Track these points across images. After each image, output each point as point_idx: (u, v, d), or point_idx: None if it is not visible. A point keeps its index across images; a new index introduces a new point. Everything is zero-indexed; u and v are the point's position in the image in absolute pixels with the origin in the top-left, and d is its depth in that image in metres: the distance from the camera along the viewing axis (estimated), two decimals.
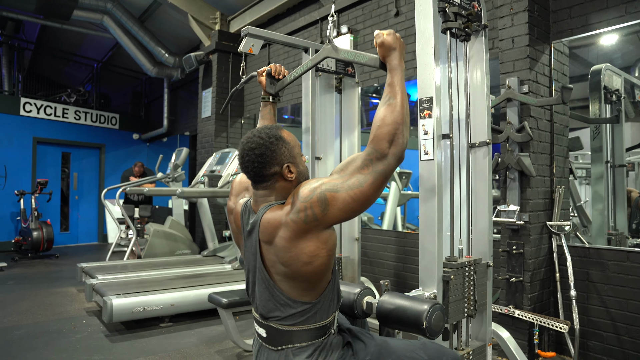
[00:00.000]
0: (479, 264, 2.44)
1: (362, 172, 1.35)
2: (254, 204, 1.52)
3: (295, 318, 1.41)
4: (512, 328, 3.16)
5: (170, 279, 4.68)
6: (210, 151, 7.02)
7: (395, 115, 1.37)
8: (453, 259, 2.33)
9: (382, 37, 1.51)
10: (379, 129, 1.37)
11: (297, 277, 1.38)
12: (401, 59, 1.49)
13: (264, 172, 1.43)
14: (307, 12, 5.90)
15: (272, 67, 1.99)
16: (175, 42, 8.62)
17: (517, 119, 3.12)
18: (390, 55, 1.50)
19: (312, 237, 1.34)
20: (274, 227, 1.38)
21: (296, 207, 1.34)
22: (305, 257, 1.35)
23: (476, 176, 2.58)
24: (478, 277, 2.42)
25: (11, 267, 6.61)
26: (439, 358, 1.61)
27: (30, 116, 8.52)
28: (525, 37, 3.15)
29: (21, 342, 3.54)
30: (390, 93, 1.42)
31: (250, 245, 1.49)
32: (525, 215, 3.10)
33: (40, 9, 7.36)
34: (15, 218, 8.19)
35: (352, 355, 1.49)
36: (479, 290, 2.43)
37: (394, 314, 1.76)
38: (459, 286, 2.31)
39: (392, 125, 1.36)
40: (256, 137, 1.44)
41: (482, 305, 2.47)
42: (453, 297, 2.27)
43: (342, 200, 1.33)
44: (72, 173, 9.47)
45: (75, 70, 10.75)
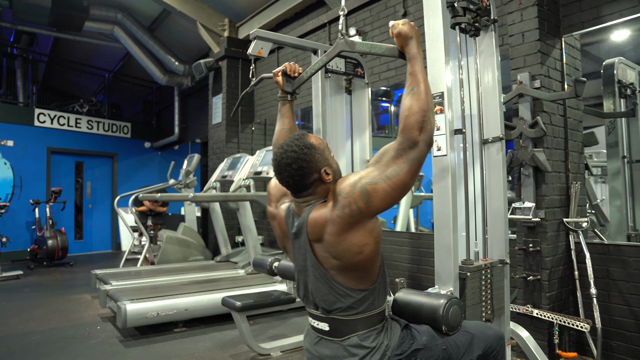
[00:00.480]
0: (496, 266, 2.39)
1: (397, 161, 1.40)
2: (296, 207, 1.57)
3: (357, 306, 1.48)
4: (531, 328, 3.10)
5: (184, 285, 4.68)
6: (222, 157, 7.05)
7: (421, 103, 1.42)
8: (469, 262, 2.28)
9: (399, 27, 1.54)
10: (407, 119, 1.42)
11: (351, 267, 1.45)
12: (419, 47, 1.53)
13: (305, 182, 1.49)
14: (314, 16, 5.92)
15: (287, 66, 2.03)
16: (185, 51, 8.70)
17: (529, 115, 3.07)
18: (408, 44, 1.54)
19: (359, 228, 1.41)
20: (321, 225, 1.45)
21: (340, 204, 1.40)
22: (355, 248, 1.41)
23: (490, 172, 2.54)
24: (495, 280, 2.38)
25: (27, 275, 6.67)
26: (484, 332, 1.75)
27: (44, 126, 8.63)
28: (535, 32, 3.12)
29: (37, 348, 3.56)
30: (413, 82, 1.46)
31: (299, 246, 1.55)
32: (541, 212, 3.04)
33: (53, 21, 7.47)
34: (30, 227, 8.28)
35: (411, 337, 1.57)
36: (497, 294, 2.38)
37: (410, 310, 1.74)
38: (475, 290, 2.27)
39: (420, 113, 1.41)
40: (290, 152, 1.48)
41: (500, 309, 2.42)
42: (470, 300, 2.23)
43: (383, 191, 1.39)
44: (86, 182, 9.55)
45: (88, 81, 10.89)
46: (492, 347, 1.74)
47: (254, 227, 5.46)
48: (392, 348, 1.50)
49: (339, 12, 2.06)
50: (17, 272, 6.47)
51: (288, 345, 3.53)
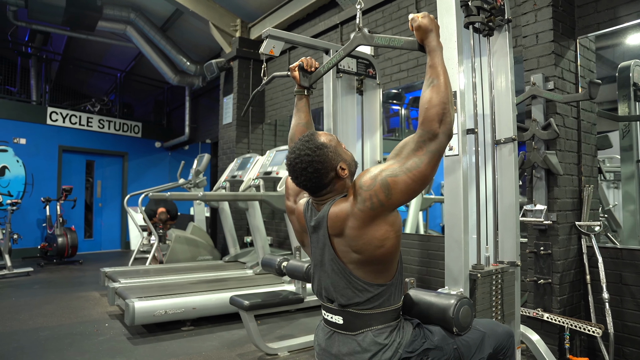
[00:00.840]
0: (507, 272, 2.36)
1: (417, 154, 1.40)
2: (315, 204, 1.58)
3: (374, 301, 1.48)
4: (541, 332, 3.06)
5: (192, 284, 4.69)
6: (232, 157, 7.06)
7: (441, 95, 1.42)
8: (480, 266, 2.26)
9: (419, 20, 1.54)
10: (427, 111, 1.42)
11: (371, 261, 1.45)
12: (439, 40, 1.54)
13: (323, 182, 1.51)
14: (327, 16, 5.92)
15: (303, 60, 2.04)
16: (197, 51, 8.74)
17: (542, 117, 3.04)
18: (428, 37, 1.53)
19: (380, 221, 1.41)
20: (342, 220, 1.46)
21: (361, 197, 1.41)
22: (376, 242, 1.42)
23: (502, 173, 2.52)
24: (506, 285, 2.35)
25: (37, 272, 6.73)
26: (494, 330, 1.75)
27: (57, 125, 8.72)
28: (549, 33, 3.08)
29: (46, 343, 3.58)
30: (432, 74, 1.46)
31: (318, 241, 1.56)
32: (552, 215, 3.01)
33: (67, 21, 7.55)
34: (41, 224, 8.35)
35: (423, 336, 1.57)
36: (507, 299, 2.36)
37: (419, 310, 1.72)
38: (486, 295, 2.24)
39: (440, 105, 1.41)
40: (303, 156, 1.50)
41: (511, 314, 2.39)
42: (480, 305, 2.20)
43: (404, 183, 1.39)
44: (96, 181, 9.63)
45: (100, 81, 10.98)
46: (502, 344, 1.74)
47: (263, 227, 5.46)
48: (404, 346, 1.50)
49: (356, 6, 2.05)
50: (27, 269, 6.53)
51: (296, 346, 3.51)
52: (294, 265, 2.98)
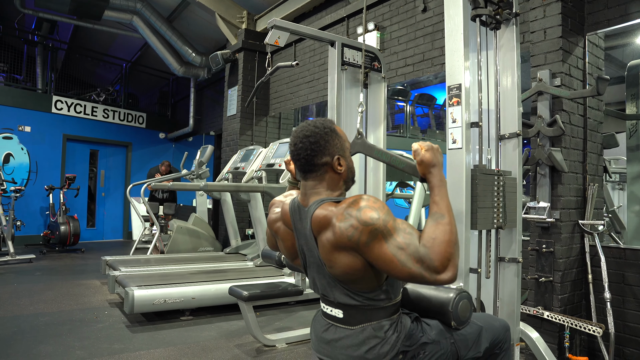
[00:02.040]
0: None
1: (412, 258, 1.30)
2: (302, 198, 1.53)
3: (370, 302, 1.45)
4: (541, 330, 3.03)
5: (192, 274, 4.69)
6: (235, 149, 7.05)
7: (448, 236, 1.32)
8: (481, 166, 2.24)
9: (421, 154, 1.45)
10: (434, 242, 1.30)
11: (345, 279, 1.42)
12: (442, 174, 1.45)
13: (315, 160, 1.46)
14: (333, 9, 5.88)
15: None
16: (202, 42, 8.72)
17: (548, 113, 3.01)
18: (431, 172, 1.45)
19: (350, 255, 1.36)
20: (323, 226, 1.40)
21: (350, 222, 1.33)
22: (342, 268, 1.38)
23: (506, 168, 2.48)
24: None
25: (39, 259, 6.76)
26: (491, 324, 1.73)
27: (61, 114, 8.73)
28: (558, 29, 3.04)
29: (46, 329, 3.59)
30: (438, 210, 1.38)
31: (306, 242, 1.51)
32: (556, 213, 2.98)
33: (73, 9, 7.54)
34: (44, 212, 8.39)
35: (421, 330, 1.54)
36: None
37: (418, 303, 1.70)
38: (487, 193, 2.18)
39: (448, 244, 1.30)
40: (311, 126, 1.48)
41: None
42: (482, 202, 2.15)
43: (383, 253, 1.31)
44: (100, 170, 9.65)
45: (106, 70, 10.99)
46: (498, 338, 1.72)
47: (265, 219, 5.45)
48: (402, 340, 1.48)
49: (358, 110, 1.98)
50: (29, 256, 6.56)
51: (294, 338, 3.51)
52: None
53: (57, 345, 3.24)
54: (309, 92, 6.27)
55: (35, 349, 3.17)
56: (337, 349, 1.51)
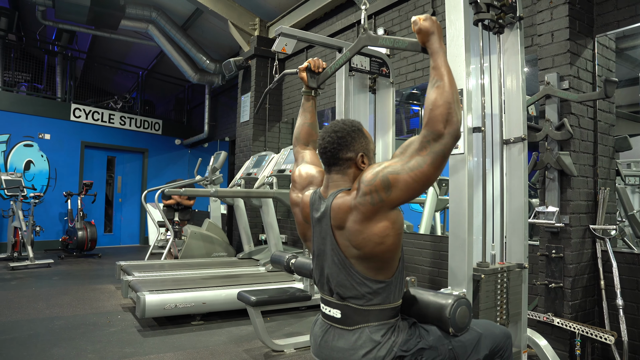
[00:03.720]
0: (513, 271, 2.32)
1: (421, 153, 1.38)
2: (324, 189, 1.60)
3: (372, 297, 1.48)
4: (552, 337, 3.00)
5: (204, 279, 4.74)
6: (248, 155, 7.11)
7: (445, 95, 1.39)
8: (485, 264, 2.21)
9: (420, 23, 1.53)
10: (431, 112, 1.39)
11: (371, 257, 1.45)
12: (441, 41, 1.52)
13: (340, 154, 1.54)
14: (344, 15, 5.91)
15: (311, 61, 2.05)
16: (216, 49, 8.84)
17: (556, 117, 2.97)
18: (430, 39, 1.52)
19: (381, 217, 1.41)
20: (344, 212, 1.47)
21: (362, 191, 1.42)
22: (376, 238, 1.42)
23: (511, 173, 2.47)
24: (512, 284, 2.30)
25: (57, 264, 6.90)
26: (491, 330, 1.73)
27: (80, 121, 8.92)
28: (565, 31, 3.01)
29: (60, 332, 3.67)
30: (436, 75, 1.44)
31: (321, 231, 1.57)
32: (565, 218, 2.93)
33: (91, 20, 7.73)
34: (63, 218, 8.57)
35: (418, 335, 1.55)
36: (513, 299, 2.31)
37: (417, 309, 1.70)
38: (490, 293, 2.20)
39: (444, 106, 1.38)
40: (340, 123, 1.58)
41: (517, 314, 2.34)
42: (484, 304, 2.17)
43: (404, 182, 1.38)
44: (117, 176, 9.82)
45: (123, 78, 11.20)
46: (499, 345, 1.71)
47: (276, 224, 5.48)
48: (399, 344, 1.48)
49: (361, 7, 2.05)
50: (48, 261, 6.71)
51: (302, 343, 3.51)
52: (301, 263, 2.98)
53: (70, 349, 3.31)
54: (320, 97, 6.30)
55: (49, 351, 3.25)
56: (335, 352, 1.53)
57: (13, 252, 6.99)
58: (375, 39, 1.88)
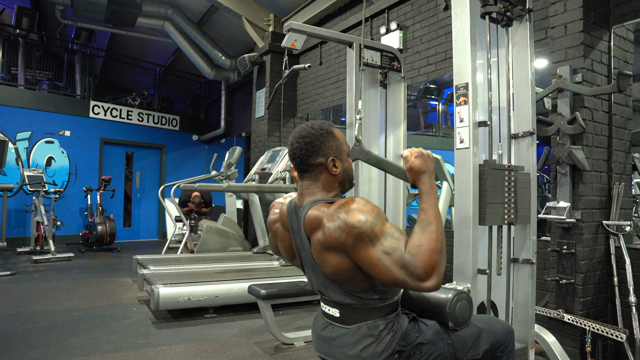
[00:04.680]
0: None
1: (396, 263, 1.30)
2: (298, 198, 1.56)
3: (364, 300, 1.46)
4: (562, 334, 2.96)
5: (217, 273, 4.80)
6: (263, 150, 7.16)
7: (433, 244, 1.30)
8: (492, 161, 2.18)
9: (411, 161, 1.46)
10: (418, 249, 1.29)
11: (338, 279, 1.43)
12: (432, 181, 1.44)
13: (309, 160, 1.49)
14: (357, 10, 5.89)
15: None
16: (232, 45, 8.89)
17: (568, 111, 2.92)
18: (420, 179, 1.45)
19: (338, 256, 1.37)
20: (314, 226, 1.42)
21: (338, 223, 1.34)
22: (332, 268, 1.40)
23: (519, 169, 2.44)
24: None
25: (77, 258, 7.08)
26: (492, 326, 1.70)
27: (99, 118, 9.09)
28: (579, 23, 2.95)
29: (78, 323, 3.77)
30: (425, 218, 1.36)
31: (302, 242, 1.53)
32: (577, 213, 2.89)
33: (108, 18, 7.85)
34: (83, 213, 8.76)
35: (418, 329, 1.54)
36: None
37: (417, 303, 1.70)
38: (498, 188, 2.17)
39: (433, 252, 1.29)
40: (308, 127, 1.52)
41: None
42: (491, 198, 2.14)
43: (369, 257, 1.32)
44: (135, 172, 9.99)
45: (141, 75, 11.36)
46: (500, 340, 1.69)
47: None
48: (397, 339, 1.49)
49: (355, 116, 2.03)
50: (69, 254, 6.88)
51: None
52: None
53: (86, 339, 3.40)
54: (335, 92, 6.30)
55: (66, 341, 3.34)
56: (334, 348, 1.54)
57: (36, 245, 7.19)
58: (368, 154, 1.87)
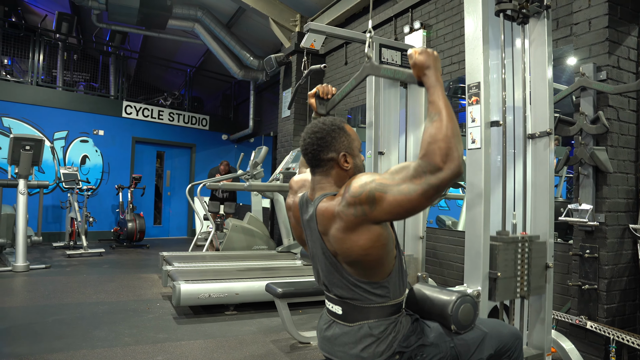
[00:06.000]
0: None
1: (414, 181, 1.30)
2: (310, 192, 1.59)
3: (369, 297, 1.47)
4: (585, 342, 2.87)
5: (240, 270, 4.87)
6: (289, 150, 7.21)
7: (444, 130, 1.30)
8: (504, 233, 2.15)
9: (414, 57, 1.45)
10: (430, 145, 1.30)
11: (359, 263, 1.44)
12: (437, 75, 1.43)
13: (321, 155, 1.51)
14: (381, 9, 5.84)
15: (319, 88, 2.02)
16: (260, 46, 8.99)
17: (592, 110, 2.82)
18: (425, 74, 1.44)
19: (364, 230, 1.37)
20: (328, 219, 1.44)
21: (346, 201, 1.37)
22: (359, 250, 1.39)
23: (536, 169, 2.37)
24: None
25: (108, 254, 7.32)
26: (498, 330, 1.67)
27: (131, 118, 9.37)
28: (604, 18, 2.85)
29: (103, 316, 3.91)
30: (434, 110, 1.36)
31: (311, 234, 1.57)
32: (600, 216, 2.79)
33: (141, 21, 8.08)
34: (115, 210, 9.04)
35: (420, 331, 1.54)
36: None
37: (422, 305, 1.68)
38: (509, 262, 2.12)
39: (444, 140, 1.29)
40: (320, 123, 1.55)
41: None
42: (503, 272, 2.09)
43: (389, 203, 1.33)
44: (166, 170, 10.24)
45: (172, 76, 11.63)
46: (506, 346, 1.65)
47: None
48: (399, 340, 1.48)
49: (367, 34, 2.04)
50: (100, 250, 7.12)
51: None
52: None
53: (109, 332, 3.52)
54: (360, 92, 6.27)
55: (91, 333, 3.47)
56: (336, 346, 1.55)
57: (70, 240, 7.48)
58: (377, 69, 1.90)
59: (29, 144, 5.87)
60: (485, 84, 2.11)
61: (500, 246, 2.08)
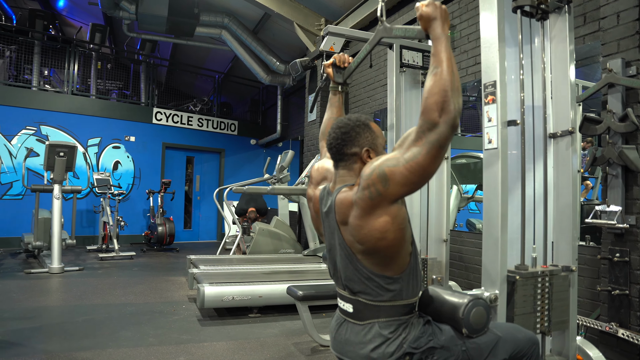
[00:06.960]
0: (557, 275, 2.15)
1: (417, 144, 1.33)
2: (332, 185, 1.61)
3: (382, 293, 1.47)
4: (616, 350, 2.74)
5: (265, 274, 4.90)
6: (315, 154, 7.22)
7: (442, 82, 1.32)
8: (523, 267, 2.08)
9: (421, 9, 1.47)
10: (427, 100, 1.33)
11: (375, 252, 1.44)
12: (444, 27, 1.44)
13: (345, 150, 1.53)
14: (405, 11, 5.80)
15: (336, 57, 2.08)
16: (286, 51, 9.06)
17: (620, 107, 2.70)
18: (431, 25, 1.46)
19: (380, 212, 1.38)
20: (346, 208, 1.46)
21: (361, 186, 1.40)
22: (377, 233, 1.39)
23: (558, 169, 2.30)
24: (556, 289, 2.14)
25: (138, 257, 7.50)
26: (513, 335, 1.64)
27: (161, 124, 9.60)
28: (634, 10, 2.73)
29: (130, 317, 4.01)
30: (435, 62, 1.37)
31: (329, 225, 1.59)
32: (630, 218, 2.66)
33: (169, 29, 8.29)
34: (146, 214, 9.28)
35: (431, 333, 1.52)
36: (558, 305, 2.15)
37: (434, 307, 1.65)
38: (528, 298, 2.06)
39: (440, 93, 1.31)
40: (346, 119, 1.58)
41: (562, 322, 2.18)
42: (520, 309, 2.04)
43: (400, 174, 1.34)
44: (195, 175, 10.43)
45: (202, 82, 11.86)
46: (522, 351, 1.60)
47: None
48: (409, 341, 1.47)
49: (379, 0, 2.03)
50: (131, 253, 7.32)
51: None
52: None
53: (135, 332, 3.60)
54: (384, 95, 6.23)
55: (117, 333, 3.56)
56: (347, 346, 1.54)
57: (102, 244, 7.71)
58: (390, 30, 1.88)
59: (63, 150, 6.09)
60: (502, 83, 2.06)
61: (519, 282, 2.02)
